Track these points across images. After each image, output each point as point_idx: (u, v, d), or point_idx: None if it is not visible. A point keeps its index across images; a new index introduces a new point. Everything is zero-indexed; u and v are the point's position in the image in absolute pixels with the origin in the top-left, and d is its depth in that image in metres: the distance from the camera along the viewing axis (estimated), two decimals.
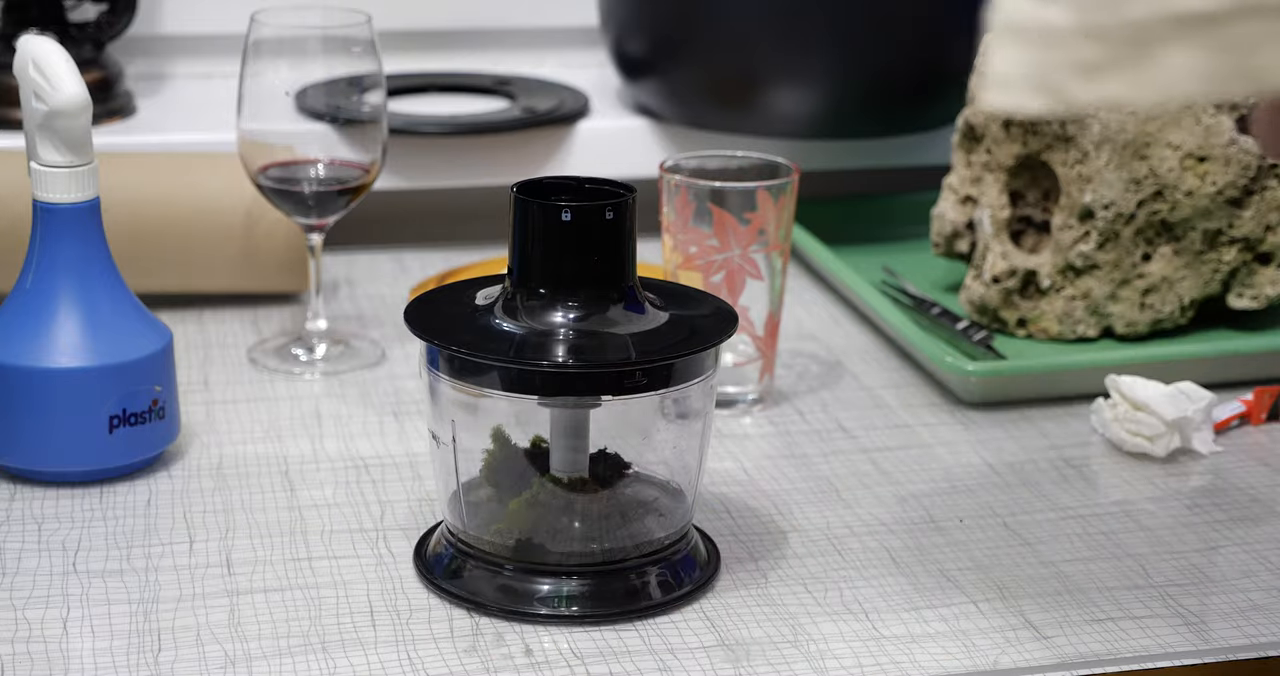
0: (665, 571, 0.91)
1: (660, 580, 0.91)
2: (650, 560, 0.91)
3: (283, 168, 1.17)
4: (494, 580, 0.90)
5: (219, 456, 1.07)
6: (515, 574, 0.90)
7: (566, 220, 0.88)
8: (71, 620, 0.89)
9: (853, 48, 1.35)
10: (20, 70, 0.98)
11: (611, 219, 0.88)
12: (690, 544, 0.94)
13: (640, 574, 0.91)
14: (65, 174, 0.99)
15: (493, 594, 0.90)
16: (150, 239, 1.25)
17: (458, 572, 0.91)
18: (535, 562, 0.90)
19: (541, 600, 0.89)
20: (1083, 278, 1.23)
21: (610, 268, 0.89)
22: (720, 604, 0.91)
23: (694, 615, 0.90)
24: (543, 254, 0.89)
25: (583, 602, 0.89)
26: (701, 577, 0.93)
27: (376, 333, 1.26)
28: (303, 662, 0.85)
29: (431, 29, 1.57)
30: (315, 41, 1.14)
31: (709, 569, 0.94)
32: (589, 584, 0.90)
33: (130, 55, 1.49)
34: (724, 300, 0.94)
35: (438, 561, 0.93)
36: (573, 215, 0.88)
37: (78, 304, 1.00)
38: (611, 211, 0.88)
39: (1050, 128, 1.22)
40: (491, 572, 0.90)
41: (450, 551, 0.92)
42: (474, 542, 0.91)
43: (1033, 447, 1.10)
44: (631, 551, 0.91)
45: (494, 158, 1.42)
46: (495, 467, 0.92)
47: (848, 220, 1.45)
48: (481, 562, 0.91)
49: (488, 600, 0.90)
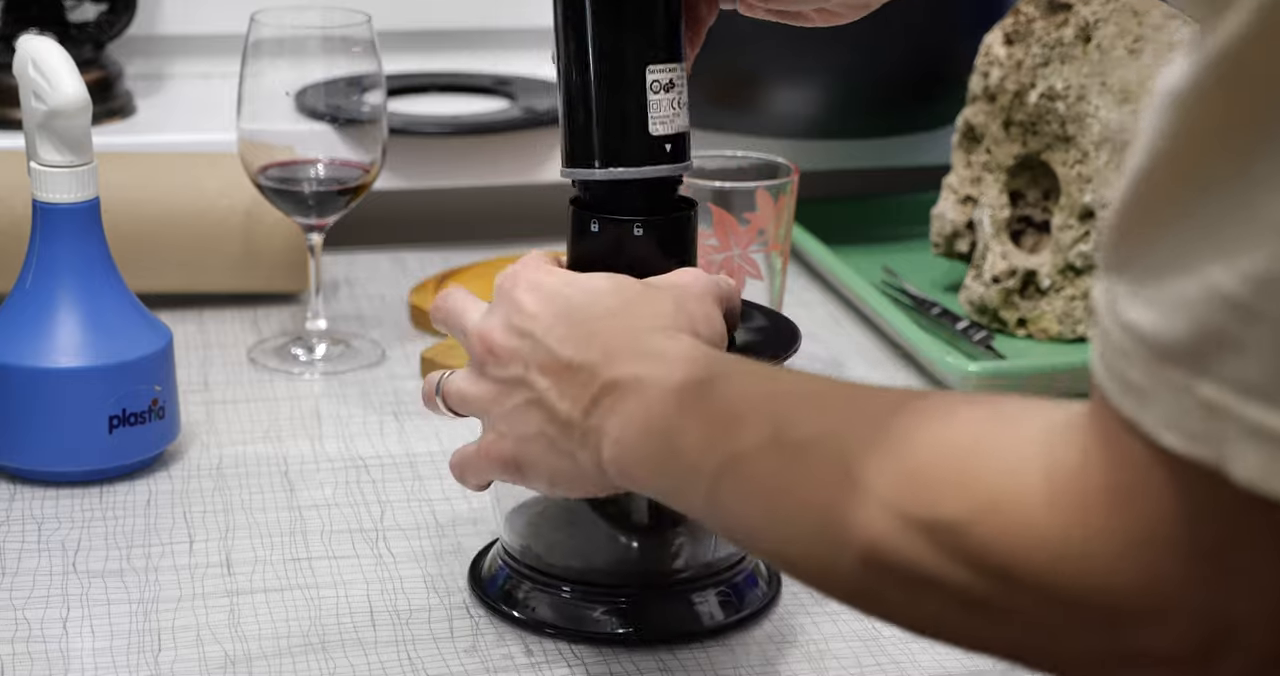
0: (728, 591, 0.89)
1: (722, 599, 0.89)
2: (712, 581, 0.89)
3: (283, 168, 1.17)
4: (551, 600, 0.88)
5: (219, 456, 1.07)
6: (573, 595, 0.88)
7: (595, 231, 0.85)
8: (71, 620, 0.89)
9: (853, 48, 1.35)
10: (20, 70, 0.98)
11: (640, 235, 0.84)
12: (752, 562, 0.91)
13: (700, 593, 0.88)
14: (65, 174, 0.99)
15: (550, 615, 0.88)
16: (150, 239, 1.25)
17: (512, 592, 0.89)
18: (593, 583, 0.88)
19: (599, 621, 0.87)
20: (1083, 278, 1.23)
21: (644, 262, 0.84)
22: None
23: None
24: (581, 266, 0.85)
25: (640, 624, 0.87)
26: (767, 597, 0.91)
27: (376, 333, 1.26)
28: (303, 662, 0.85)
29: (431, 29, 1.57)
30: (315, 41, 1.14)
31: (773, 588, 0.92)
32: (648, 604, 0.88)
33: (130, 55, 1.48)
34: (783, 314, 0.92)
35: (493, 581, 0.91)
36: (600, 227, 0.85)
37: (78, 304, 1.00)
38: (640, 228, 0.84)
39: (1050, 128, 1.22)
40: (549, 593, 0.88)
41: (505, 571, 0.90)
42: (531, 562, 0.89)
43: None
44: (694, 571, 0.88)
45: (494, 158, 1.42)
46: None
47: (848, 220, 1.45)
48: (538, 583, 0.89)
49: (545, 621, 0.88)
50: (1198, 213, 0.49)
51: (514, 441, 0.80)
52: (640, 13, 0.83)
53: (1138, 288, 0.51)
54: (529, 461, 0.80)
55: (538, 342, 0.78)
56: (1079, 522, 0.54)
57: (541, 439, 0.78)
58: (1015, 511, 0.55)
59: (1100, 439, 0.54)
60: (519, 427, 0.79)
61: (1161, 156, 0.50)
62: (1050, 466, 0.55)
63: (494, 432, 0.81)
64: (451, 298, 0.85)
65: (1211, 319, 0.49)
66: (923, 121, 1.44)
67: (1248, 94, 0.48)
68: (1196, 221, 0.49)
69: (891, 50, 1.37)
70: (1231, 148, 0.49)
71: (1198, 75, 0.49)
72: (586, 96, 0.83)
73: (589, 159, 0.84)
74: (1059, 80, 1.21)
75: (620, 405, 0.73)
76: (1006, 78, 1.24)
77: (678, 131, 0.84)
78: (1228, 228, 0.48)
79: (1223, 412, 0.49)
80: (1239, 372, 0.49)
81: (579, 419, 0.75)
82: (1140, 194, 0.51)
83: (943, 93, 1.38)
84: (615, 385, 0.74)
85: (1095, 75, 1.21)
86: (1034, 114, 1.23)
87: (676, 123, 0.84)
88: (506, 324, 0.80)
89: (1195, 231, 0.49)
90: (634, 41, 0.83)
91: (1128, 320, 0.52)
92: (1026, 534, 0.55)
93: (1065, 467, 0.55)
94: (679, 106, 0.83)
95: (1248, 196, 0.48)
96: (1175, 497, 0.52)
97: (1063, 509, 0.54)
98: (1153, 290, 0.51)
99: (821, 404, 0.66)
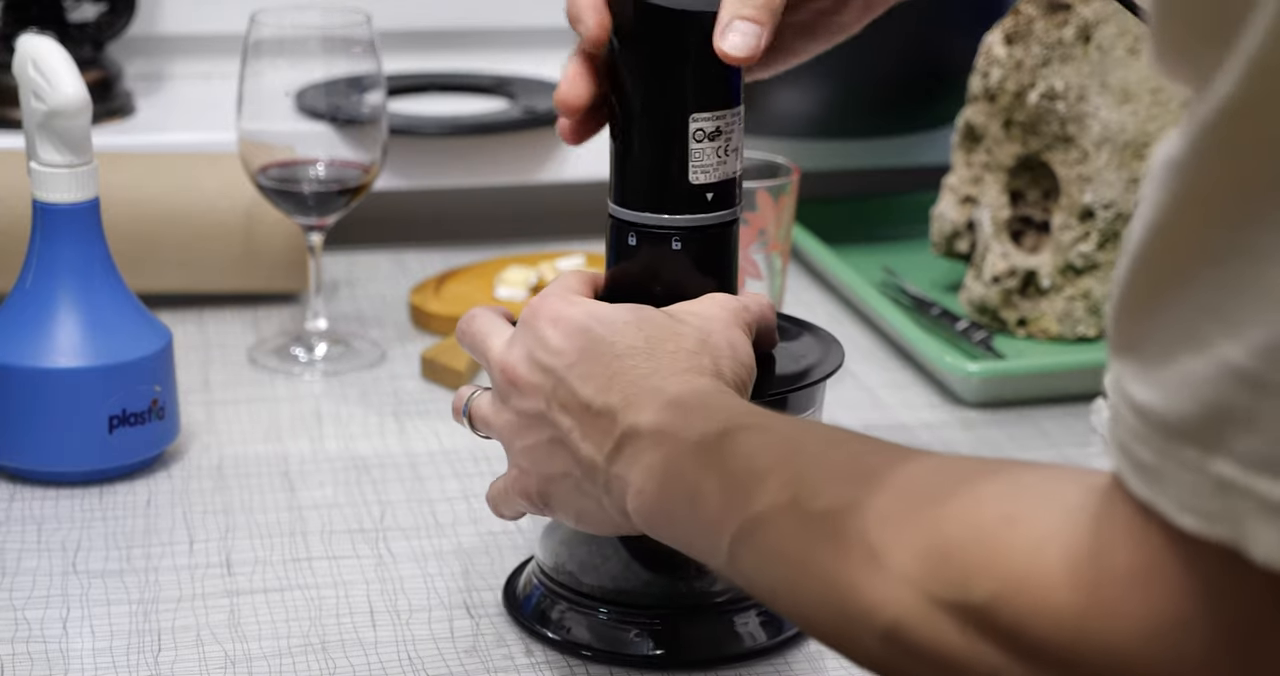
0: (769, 611, 0.87)
1: (763, 620, 0.87)
2: (753, 601, 0.86)
3: (283, 168, 1.17)
4: (588, 622, 0.87)
5: (219, 456, 1.07)
6: (610, 616, 0.87)
7: (633, 244, 0.84)
8: (71, 620, 0.89)
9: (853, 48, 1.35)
10: (20, 70, 0.98)
11: (678, 249, 0.83)
12: None
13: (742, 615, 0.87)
14: (65, 174, 0.99)
15: (587, 636, 0.86)
16: (150, 239, 1.25)
17: (547, 612, 0.88)
18: (630, 604, 0.86)
19: (637, 643, 0.86)
20: (1083, 278, 1.23)
21: (676, 298, 0.83)
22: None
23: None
24: (617, 275, 0.85)
25: (681, 646, 0.86)
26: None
27: (376, 332, 1.26)
28: (303, 662, 0.85)
29: (431, 29, 1.57)
30: (315, 41, 1.14)
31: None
32: (688, 626, 0.86)
33: (130, 55, 1.49)
34: (826, 330, 0.91)
35: (528, 600, 0.89)
36: (638, 239, 0.83)
37: (77, 304, 1.00)
38: (679, 241, 0.83)
39: (1050, 128, 1.22)
40: (585, 614, 0.87)
41: (540, 590, 0.89)
42: (567, 581, 0.88)
43: (1033, 447, 1.10)
44: (734, 592, 0.86)
45: (494, 158, 1.42)
46: None
47: (848, 220, 1.45)
48: (574, 603, 0.87)
49: (582, 643, 0.86)
50: (1200, 286, 0.48)
51: (539, 479, 0.80)
52: (681, 62, 0.81)
53: (1144, 367, 0.50)
54: (556, 499, 0.79)
55: (560, 380, 0.77)
56: (1099, 603, 0.53)
57: (568, 479, 0.78)
58: (1038, 591, 0.54)
59: (1118, 520, 0.53)
60: (544, 466, 0.79)
61: (1160, 229, 0.49)
62: (1071, 546, 0.54)
63: (517, 468, 0.81)
64: (477, 321, 0.84)
65: (1221, 394, 0.48)
66: (923, 121, 1.44)
67: (1240, 163, 0.47)
68: (1200, 295, 0.48)
69: (891, 50, 1.37)
70: (1229, 218, 0.47)
71: (1190, 145, 0.48)
72: (629, 140, 0.82)
73: (632, 203, 0.83)
74: (1059, 80, 1.21)
75: (643, 455, 0.73)
76: (1006, 78, 1.24)
77: (723, 179, 0.82)
78: (1232, 301, 0.47)
79: (1237, 490, 0.48)
80: (1251, 447, 0.48)
81: (603, 465, 0.75)
82: (1141, 269, 0.50)
83: (943, 93, 1.38)
84: (636, 433, 0.73)
85: (1095, 75, 1.21)
86: (1034, 114, 1.23)
87: (722, 170, 0.82)
88: (529, 357, 0.79)
89: (1199, 306, 0.48)
90: (675, 90, 0.81)
91: (1137, 401, 0.51)
92: (1050, 614, 0.54)
93: (1085, 548, 0.54)
94: (725, 154, 0.81)
95: (1251, 268, 0.47)
96: (1195, 581, 0.51)
97: (1083, 590, 0.53)
98: (1159, 368, 0.50)
99: (842, 469, 0.64)
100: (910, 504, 0.60)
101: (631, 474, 0.73)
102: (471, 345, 0.84)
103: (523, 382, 0.79)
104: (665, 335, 0.78)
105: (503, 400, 0.81)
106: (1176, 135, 0.49)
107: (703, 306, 0.81)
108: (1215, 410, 0.48)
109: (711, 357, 0.78)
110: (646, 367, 0.76)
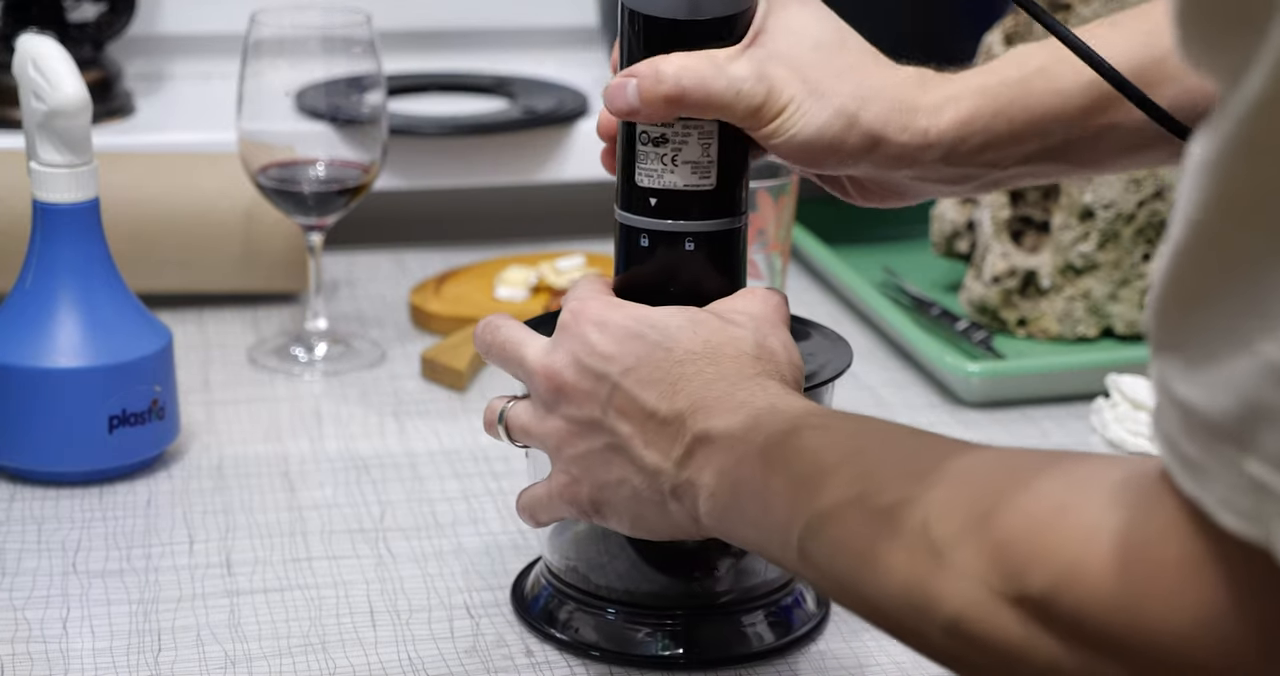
0: (777, 612, 0.88)
1: (771, 620, 0.88)
2: (761, 602, 0.87)
3: (283, 168, 1.17)
4: (596, 622, 0.87)
5: (219, 456, 1.07)
6: (619, 616, 0.86)
7: (645, 246, 0.83)
8: (71, 620, 0.89)
9: None
10: (20, 70, 0.98)
11: (691, 249, 0.82)
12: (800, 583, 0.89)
13: (750, 615, 0.87)
14: (65, 174, 0.99)
15: (594, 637, 0.86)
16: (150, 239, 1.25)
17: (555, 612, 0.88)
18: (639, 604, 0.86)
19: (645, 643, 0.86)
20: (1083, 277, 1.23)
21: (689, 299, 0.82)
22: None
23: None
24: (630, 277, 0.84)
25: (689, 646, 0.86)
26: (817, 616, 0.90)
27: (376, 332, 1.26)
28: (303, 662, 0.85)
29: (431, 29, 1.57)
30: (315, 41, 1.14)
31: (822, 609, 0.90)
32: (696, 626, 0.86)
33: (130, 55, 1.49)
34: (832, 329, 0.90)
35: (535, 601, 0.89)
36: (650, 241, 0.83)
37: (78, 304, 1.00)
38: (692, 242, 0.82)
39: None
40: (593, 614, 0.87)
41: (549, 590, 0.89)
42: (576, 581, 0.88)
43: (1032, 447, 1.10)
44: (741, 593, 0.87)
45: (494, 158, 1.42)
46: None
47: (848, 220, 1.44)
48: (582, 603, 0.87)
49: (589, 643, 0.86)
50: (1240, 284, 0.48)
51: (592, 486, 0.79)
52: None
53: (1187, 364, 0.50)
54: (611, 507, 0.79)
55: (616, 385, 0.77)
56: (1150, 594, 0.54)
57: (625, 486, 0.77)
58: (1091, 580, 0.55)
59: (1169, 511, 0.53)
60: (598, 473, 0.78)
61: (1197, 228, 0.49)
62: (1122, 535, 0.55)
63: (566, 475, 0.80)
64: (502, 330, 0.83)
65: (1260, 393, 0.48)
66: None
67: (1275, 161, 0.47)
68: (1240, 293, 0.48)
69: (892, 51, 1.37)
70: (1264, 216, 0.47)
71: (1224, 143, 0.48)
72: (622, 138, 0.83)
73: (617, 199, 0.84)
74: None
75: (714, 459, 0.73)
76: None
77: (664, 188, 0.81)
78: (1271, 299, 0.47)
79: (1267, 491, 0.48)
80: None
81: (671, 470, 0.75)
82: (1181, 267, 0.50)
83: None
84: (708, 438, 0.73)
85: None
86: None
87: (664, 180, 0.81)
88: (576, 362, 0.78)
89: (1240, 303, 0.48)
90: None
91: (1180, 398, 0.51)
92: (1104, 603, 0.55)
93: (1137, 538, 0.54)
94: (669, 163, 0.81)
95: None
96: (1241, 574, 0.51)
97: (1135, 579, 0.54)
98: (1201, 366, 0.50)
99: (904, 465, 0.65)
100: (969, 498, 0.60)
101: (704, 478, 0.73)
102: (501, 356, 0.82)
103: (571, 389, 0.78)
104: (723, 339, 0.78)
105: (547, 408, 0.80)
106: (1209, 131, 0.49)
107: (748, 304, 0.81)
108: (1251, 409, 0.48)
109: (771, 359, 0.78)
110: (711, 373, 0.76)
